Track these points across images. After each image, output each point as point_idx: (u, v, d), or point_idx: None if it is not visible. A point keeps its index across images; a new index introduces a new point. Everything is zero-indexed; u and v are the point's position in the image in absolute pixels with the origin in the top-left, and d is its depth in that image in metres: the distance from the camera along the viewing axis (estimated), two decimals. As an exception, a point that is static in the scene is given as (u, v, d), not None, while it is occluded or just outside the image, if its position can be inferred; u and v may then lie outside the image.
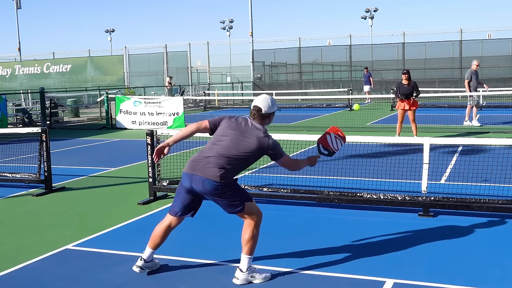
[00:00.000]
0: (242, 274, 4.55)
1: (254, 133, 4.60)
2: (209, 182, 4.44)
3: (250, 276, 4.56)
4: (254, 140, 4.57)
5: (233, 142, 4.55)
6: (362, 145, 11.97)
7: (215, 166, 4.46)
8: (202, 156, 4.57)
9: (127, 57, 37.40)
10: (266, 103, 4.71)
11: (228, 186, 4.50)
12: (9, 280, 4.81)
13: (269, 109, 4.72)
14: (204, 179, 4.45)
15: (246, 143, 4.55)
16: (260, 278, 4.60)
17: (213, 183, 4.44)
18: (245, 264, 4.57)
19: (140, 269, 4.77)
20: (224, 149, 4.53)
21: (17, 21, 45.56)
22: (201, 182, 4.47)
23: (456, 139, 9.03)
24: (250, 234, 4.57)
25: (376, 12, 48.92)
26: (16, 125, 20.75)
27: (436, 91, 29.75)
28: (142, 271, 4.79)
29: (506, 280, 4.53)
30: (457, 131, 15.29)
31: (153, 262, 4.90)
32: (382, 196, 6.79)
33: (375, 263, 4.98)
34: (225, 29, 50.94)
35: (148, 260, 4.79)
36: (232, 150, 4.52)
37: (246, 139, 4.56)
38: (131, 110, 18.95)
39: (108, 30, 56.98)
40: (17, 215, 7.24)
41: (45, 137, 8.49)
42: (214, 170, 4.45)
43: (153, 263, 4.89)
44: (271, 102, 4.74)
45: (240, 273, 4.56)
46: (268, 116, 4.74)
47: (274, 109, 4.76)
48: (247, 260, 4.58)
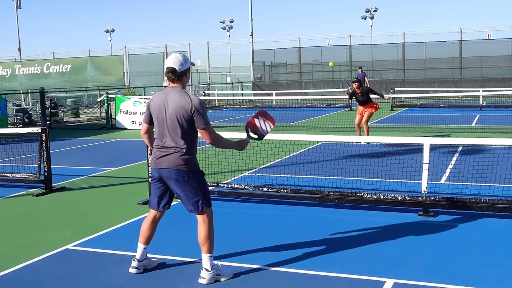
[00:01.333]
0: (208, 273, 4.53)
1: (176, 100, 4.46)
2: (174, 172, 4.48)
3: (216, 275, 4.56)
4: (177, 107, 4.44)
5: (169, 121, 4.48)
6: (362, 145, 11.98)
7: (173, 153, 4.49)
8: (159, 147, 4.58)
9: (127, 57, 37.42)
10: (177, 61, 4.51)
11: (195, 173, 4.52)
12: (9, 280, 4.81)
13: (183, 65, 4.53)
14: (169, 170, 4.50)
15: (175, 114, 4.45)
16: (226, 275, 4.60)
17: (178, 171, 4.47)
18: (208, 263, 4.55)
19: (136, 269, 4.80)
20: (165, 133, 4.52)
21: (17, 21, 45.64)
22: (167, 172, 4.51)
23: (456, 139, 9.02)
24: (207, 232, 4.56)
25: (376, 12, 48.97)
26: (16, 125, 20.75)
27: (436, 91, 29.75)
28: (139, 271, 4.81)
29: (506, 280, 4.53)
30: (457, 131, 15.29)
31: (149, 260, 4.91)
32: (382, 196, 6.79)
33: (375, 263, 4.98)
34: (225, 29, 50.97)
35: (141, 259, 4.81)
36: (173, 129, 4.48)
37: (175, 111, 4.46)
38: (131, 110, 18.96)
39: (108, 30, 56.99)
40: (17, 215, 7.24)
41: (45, 137, 8.49)
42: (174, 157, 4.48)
43: (148, 261, 4.90)
44: (183, 59, 4.56)
45: (206, 273, 4.54)
46: (184, 73, 4.56)
47: (188, 64, 4.57)
48: (209, 259, 4.56)
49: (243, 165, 9.47)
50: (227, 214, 6.91)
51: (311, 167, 9.51)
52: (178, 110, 4.43)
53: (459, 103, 25.93)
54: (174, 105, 4.45)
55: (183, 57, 4.58)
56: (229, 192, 7.60)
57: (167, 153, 4.52)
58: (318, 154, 10.86)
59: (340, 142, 11.49)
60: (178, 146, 4.49)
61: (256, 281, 4.62)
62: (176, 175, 4.49)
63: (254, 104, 31.51)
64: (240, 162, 9.38)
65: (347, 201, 6.94)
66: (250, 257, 5.17)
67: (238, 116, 22.89)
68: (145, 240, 4.81)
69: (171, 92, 4.52)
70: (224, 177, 9.05)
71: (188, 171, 4.49)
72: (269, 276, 4.72)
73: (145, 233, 4.80)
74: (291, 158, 10.65)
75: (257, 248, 5.41)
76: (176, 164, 4.48)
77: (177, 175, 4.49)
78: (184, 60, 4.55)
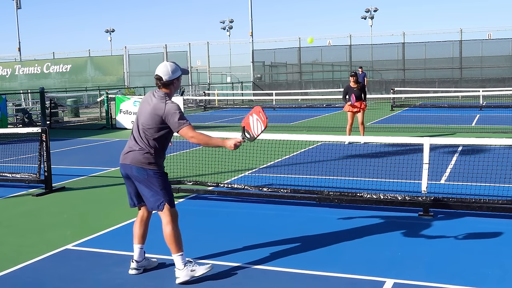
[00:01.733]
0: (181, 271, 4.55)
1: (153, 103, 4.57)
2: (136, 169, 4.54)
3: (190, 271, 4.56)
4: (152, 109, 4.55)
5: (142, 120, 4.60)
6: (362, 145, 11.98)
7: (138, 150, 4.56)
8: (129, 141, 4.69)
9: (127, 57, 37.42)
10: (165, 70, 4.59)
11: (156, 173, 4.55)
12: (9, 280, 4.81)
13: (170, 75, 4.59)
14: (131, 166, 4.56)
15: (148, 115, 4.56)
16: (201, 269, 4.60)
17: (139, 168, 4.53)
18: (180, 262, 4.56)
19: (136, 270, 4.81)
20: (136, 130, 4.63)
21: (17, 21, 45.63)
22: (129, 169, 4.59)
23: (456, 139, 9.03)
24: (170, 232, 4.57)
25: (376, 12, 48.96)
26: (16, 125, 20.75)
27: (436, 91, 29.74)
28: (139, 271, 4.82)
29: (506, 280, 4.53)
30: (457, 131, 15.29)
31: (148, 260, 4.92)
32: (382, 196, 6.79)
33: (375, 263, 4.98)
34: (225, 29, 50.96)
35: (139, 259, 4.83)
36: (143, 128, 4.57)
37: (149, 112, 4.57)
38: (131, 110, 18.95)
39: (108, 30, 56.98)
40: (17, 215, 7.24)
41: (45, 137, 8.49)
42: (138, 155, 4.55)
43: (148, 262, 4.91)
44: (172, 69, 4.60)
45: (179, 271, 4.56)
46: (171, 83, 4.62)
47: (176, 74, 4.61)
48: (180, 258, 4.57)
49: (243, 165, 9.47)
50: (227, 214, 6.91)
51: (311, 167, 9.51)
52: (152, 112, 4.54)
53: (459, 103, 25.92)
54: (150, 107, 4.57)
55: (173, 67, 4.63)
56: (229, 192, 7.60)
57: (132, 150, 4.61)
58: (318, 154, 10.86)
59: (340, 142, 11.50)
60: (144, 145, 4.57)
61: (256, 281, 4.62)
62: (136, 172, 4.56)
63: (254, 104, 31.51)
64: (240, 162, 9.38)
65: (347, 201, 6.94)
66: (250, 257, 5.17)
67: (238, 116, 22.88)
68: (138, 239, 4.84)
69: (155, 95, 4.65)
70: (224, 177, 9.05)
71: (148, 170, 4.54)
72: (269, 276, 4.72)
73: (136, 232, 4.85)
74: (291, 158, 10.66)
75: (257, 248, 5.41)
76: (138, 161, 4.55)
77: (137, 172, 4.56)
78: (172, 70, 4.61)
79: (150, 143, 4.57)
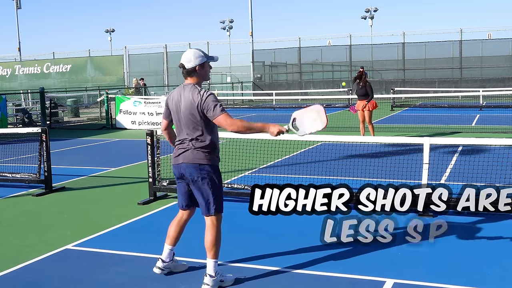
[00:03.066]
0: (212, 279, 4.41)
1: (185, 96, 4.41)
2: (190, 167, 4.40)
3: (220, 281, 4.47)
4: (189, 101, 4.37)
5: (183, 116, 4.42)
6: (362, 145, 11.97)
7: (191, 148, 4.40)
8: (177, 143, 4.53)
9: (127, 57, 37.42)
10: (188, 57, 4.42)
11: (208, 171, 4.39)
12: (9, 280, 4.81)
13: (192, 62, 4.41)
14: (187, 164, 4.41)
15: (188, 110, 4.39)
16: (228, 281, 4.52)
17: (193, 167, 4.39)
18: (213, 269, 4.44)
19: (160, 270, 4.71)
20: (184, 127, 4.44)
21: (17, 21, 45.63)
22: (184, 168, 4.43)
23: (456, 139, 9.03)
24: (214, 236, 4.47)
25: (376, 12, 48.95)
26: (16, 125, 20.75)
27: (436, 91, 29.75)
28: (162, 272, 4.72)
29: (506, 280, 4.53)
30: (457, 131, 15.29)
31: (175, 263, 4.81)
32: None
33: (375, 263, 4.98)
34: (225, 29, 50.94)
35: (166, 260, 4.72)
36: (187, 125, 4.41)
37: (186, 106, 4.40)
38: (131, 110, 18.96)
39: (108, 30, 56.96)
40: (17, 215, 7.24)
41: (45, 137, 8.49)
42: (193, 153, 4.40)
43: (174, 264, 4.80)
44: (194, 55, 4.41)
45: (210, 279, 4.40)
46: (194, 70, 4.43)
47: (198, 61, 4.40)
48: (215, 264, 4.46)
49: (243, 165, 9.47)
50: (227, 214, 6.87)
51: (311, 167, 9.51)
52: (189, 106, 4.37)
53: (459, 103, 25.94)
54: (185, 102, 4.40)
55: (194, 53, 4.44)
56: (229, 192, 7.59)
57: (184, 150, 4.45)
58: (318, 154, 10.85)
59: (340, 142, 11.49)
60: (193, 143, 4.41)
61: (256, 281, 4.62)
62: (190, 171, 4.40)
63: (254, 104, 31.52)
64: (240, 162, 9.37)
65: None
66: (250, 257, 5.17)
67: (238, 116, 22.88)
68: (170, 240, 4.72)
69: (185, 89, 4.46)
70: (224, 177, 9.03)
71: (203, 168, 4.38)
72: (269, 276, 4.72)
73: (170, 233, 4.72)
74: (291, 158, 10.65)
75: (257, 248, 5.41)
76: (191, 160, 4.39)
77: (191, 171, 4.40)
78: (194, 57, 4.42)
79: (198, 138, 4.39)
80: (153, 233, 6.17)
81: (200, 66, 4.44)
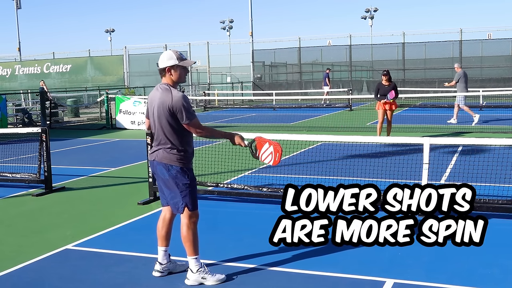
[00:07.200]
0: (193, 274, 4.52)
1: (159, 96, 4.46)
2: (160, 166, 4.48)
3: (201, 278, 4.52)
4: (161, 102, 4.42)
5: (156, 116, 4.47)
6: (362, 145, 11.97)
7: (163, 148, 4.48)
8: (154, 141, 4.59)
9: (127, 57, 37.41)
10: (161, 57, 4.49)
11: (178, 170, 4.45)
12: (9, 280, 4.81)
13: (163, 63, 4.46)
14: (158, 162, 4.50)
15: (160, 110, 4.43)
16: (212, 279, 4.53)
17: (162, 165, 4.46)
18: (193, 265, 4.52)
19: (160, 273, 4.74)
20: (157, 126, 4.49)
21: (17, 21, 45.58)
22: (155, 166, 4.54)
23: (456, 139, 9.02)
24: (186, 234, 4.52)
25: (376, 12, 48.97)
26: (16, 125, 20.76)
27: (436, 91, 29.74)
28: (162, 274, 4.74)
29: (506, 280, 4.53)
30: (457, 131, 15.29)
31: (173, 263, 4.82)
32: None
33: (375, 263, 4.98)
34: (225, 29, 50.94)
35: (163, 262, 4.75)
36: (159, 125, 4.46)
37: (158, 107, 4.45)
38: (131, 110, 18.96)
39: (108, 30, 56.95)
40: (17, 215, 7.24)
41: (45, 137, 8.49)
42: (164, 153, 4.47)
43: (173, 265, 4.82)
44: (166, 56, 4.46)
45: (191, 274, 4.54)
46: (165, 70, 4.47)
47: (169, 63, 4.43)
48: (194, 261, 4.53)
49: (243, 165, 9.46)
50: (227, 214, 6.92)
51: (311, 167, 9.51)
52: (160, 106, 4.42)
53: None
54: (158, 102, 4.46)
55: (167, 55, 4.48)
56: (229, 192, 7.59)
57: (157, 148, 4.54)
58: (318, 154, 10.85)
59: (340, 142, 11.49)
60: (165, 142, 4.47)
61: (255, 281, 4.62)
62: (160, 170, 4.50)
63: (254, 104, 31.51)
64: (240, 162, 9.37)
65: (347, 201, 6.92)
66: (249, 257, 5.17)
67: (238, 116, 22.90)
68: (161, 241, 4.75)
69: (159, 89, 4.52)
70: (224, 177, 9.05)
71: (172, 167, 4.44)
72: (269, 276, 4.72)
73: (159, 233, 4.75)
74: (291, 158, 10.65)
75: (257, 248, 5.41)
76: (161, 158, 4.47)
77: (161, 170, 4.49)
78: (167, 58, 4.46)
79: (170, 138, 4.44)
80: (153, 233, 6.13)
81: (170, 68, 4.48)
